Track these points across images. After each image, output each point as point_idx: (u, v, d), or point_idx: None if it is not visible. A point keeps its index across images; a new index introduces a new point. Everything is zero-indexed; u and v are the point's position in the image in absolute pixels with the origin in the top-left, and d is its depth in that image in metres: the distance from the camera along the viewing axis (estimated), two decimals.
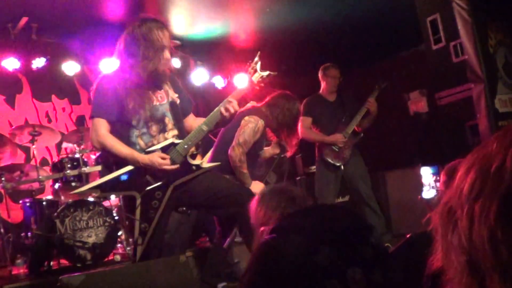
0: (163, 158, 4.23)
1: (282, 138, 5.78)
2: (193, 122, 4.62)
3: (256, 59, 4.59)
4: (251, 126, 5.41)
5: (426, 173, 3.45)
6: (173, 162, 4.26)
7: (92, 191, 4.99)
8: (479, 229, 0.94)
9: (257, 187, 5.30)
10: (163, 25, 4.38)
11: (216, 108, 4.43)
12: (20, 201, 7.09)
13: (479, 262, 0.95)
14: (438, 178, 3.43)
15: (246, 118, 5.47)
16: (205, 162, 4.63)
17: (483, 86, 6.46)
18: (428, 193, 3.37)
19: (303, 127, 7.23)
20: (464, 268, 0.99)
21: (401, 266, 3.03)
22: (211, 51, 9.30)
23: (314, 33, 8.56)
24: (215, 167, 4.69)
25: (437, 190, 3.39)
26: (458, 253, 1.00)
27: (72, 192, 5.74)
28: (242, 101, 5.26)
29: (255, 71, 4.56)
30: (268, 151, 5.95)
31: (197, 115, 4.95)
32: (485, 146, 1.01)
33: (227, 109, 4.37)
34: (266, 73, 4.57)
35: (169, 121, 4.39)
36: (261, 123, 5.46)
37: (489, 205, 0.93)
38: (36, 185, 7.01)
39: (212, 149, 5.73)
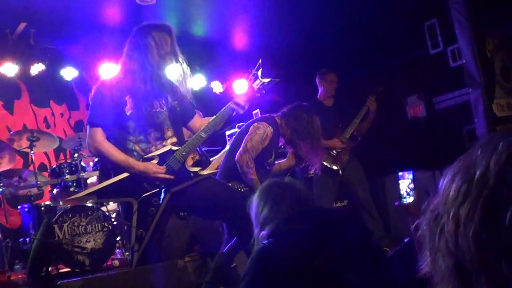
0: (159, 168, 4.24)
1: (298, 150, 5.74)
2: (201, 123, 4.62)
3: (258, 65, 4.59)
4: (259, 132, 5.40)
5: (404, 179, 3.43)
6: (171, 169, 4.26)
7: (88, 197, 5.00)
8: (465, 233, 0.97)
9: None
10: (168, 31, 4.39)
11: (214, 116, 4.45)
12: (18, 207, 7.09)
13: (465, 264, 0.98)
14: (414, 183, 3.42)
15: (255, 124, 5.47)
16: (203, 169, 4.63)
17: (481, 90, 6.48)
18: (406, 199, 3.36)
19: None
20: (452, 271, 1.01)
21: (399, 270, 3.04)
22: (209, 56, 9.31)
23: (311, 39, 8.57)
24: (221, 173, 4.70)
25: (414, 196, 3.37)
26: (445, 257, 1.02)
27: (68, 199, 5.75)
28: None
29: (256, 77, 4.57)
30: (284, 163, 5.95)
31: None
32: (470, 154, 1.05)
33: (237, 103, 4.42)
34: (267, 79, 4.57)
35: (168, 128, 4.39)
36: (269, 130, 5.44)
37: (474, 209, 0.96)
38: (34, 191, 7.01)
39: (224, 157, 5.74)
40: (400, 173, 3.43)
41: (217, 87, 9.96)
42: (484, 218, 0.94)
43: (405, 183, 3.40)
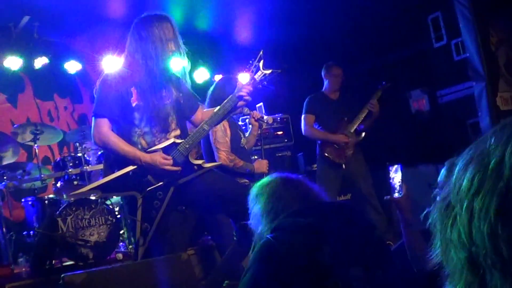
0: (165, 159, 4.23)
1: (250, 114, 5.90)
2: (203, 116, 4.63)
3: (259, 57, 4.58)
4: (217, 129, 5.54)
5: (394, 172, 3.43)
6: (175, 162, 4.26)
7: (92, 192, 4.99)
8: (479, 225, 0.93)
9: (261, 165, 5.64)
10: (167, 19, 4.38)
11: (217, 108, 4.45)
12: (22, 200, 7.10)
13: (479, 258, 0.94)
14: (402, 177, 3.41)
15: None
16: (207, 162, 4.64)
17: (485, 84, 6.46)
18: (399, 193, 3.35)
19: (306, 124, 7.27)
20: (464, 264, 0.98)
21: (402, 263, 3.03)
22: (213, 49, 9.30)
23: (316, 32, 8.56)
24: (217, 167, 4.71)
25: (403, 190, 3.36)
26: (458, 249, 0.99)
27: (72, 193, 5.74)
28: None
29: (258, 69, 4.56)
30: (253, 131, 6.03)
31: None
32: (482, 141, 1.01)
33: (240, 96, 4.41)
34: (269, 71, 4.56)
35: (172, 120, 4.38)
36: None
37: (489, 201, 0.93)
38: (38, 184, 7.02)
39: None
40: (394, 167, 3.42)
41: None
42: (500, 211, 0.91)
43: (398, 177, 3.39)
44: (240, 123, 7.36)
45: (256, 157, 6.64)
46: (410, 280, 2.75)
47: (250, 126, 6.08)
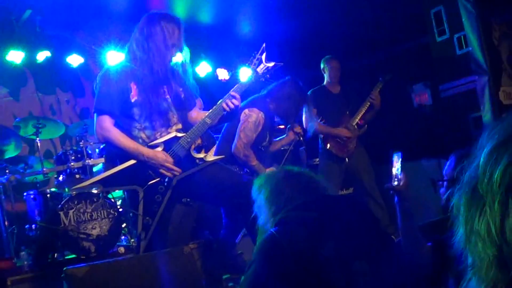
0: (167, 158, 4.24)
1: (292, 125, 5.86)
2: (198, 115, 4.60)
3: (261, 50, 4.57)
4: (251, 120, 5.43)
5: (395, 160, 3.43)
6: (176, 156, 4.26)
7: (94, 186, 4.99)
8: None
9: None
10: (177, 24, 4.38)
11: (219, 102, 4.42)
12: (24, 193, 7.10)
13: (510, 258, 0.88)
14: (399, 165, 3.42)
15: (246, 111, 5.48)
16: (209, 155, 4.61)
17: (487, 78, 6.45)
18: (396, 180, 3.35)
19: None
20: (493, 261, 0.91)
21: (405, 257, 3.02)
22: (215, 42, 9.29)
23: (318, 26, 8.55)
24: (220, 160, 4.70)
25: (398, 178, 3.36)
26: (487, 244, 0.92)
27: (73, 188, 5.75)
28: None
29: (260, 62, 4.54)
30: (285, 139, 6.01)
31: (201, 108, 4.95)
32: (509, 125, 0.95)
33: (228, 104, 4.35)
34: (271, 64, 4.55)
35: (173, 115, 4.38)
36: (261, 115, 5.47)
37: None
38: (40, 177, 7.02)
39: (217, 142, 5.78)
40: (396, 155, 3.42)
41: (222, 74, 9.95)
42: None
43: (398, 165, 3.40)
44: None
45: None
46: (413, 274, 2.75)
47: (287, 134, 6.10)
